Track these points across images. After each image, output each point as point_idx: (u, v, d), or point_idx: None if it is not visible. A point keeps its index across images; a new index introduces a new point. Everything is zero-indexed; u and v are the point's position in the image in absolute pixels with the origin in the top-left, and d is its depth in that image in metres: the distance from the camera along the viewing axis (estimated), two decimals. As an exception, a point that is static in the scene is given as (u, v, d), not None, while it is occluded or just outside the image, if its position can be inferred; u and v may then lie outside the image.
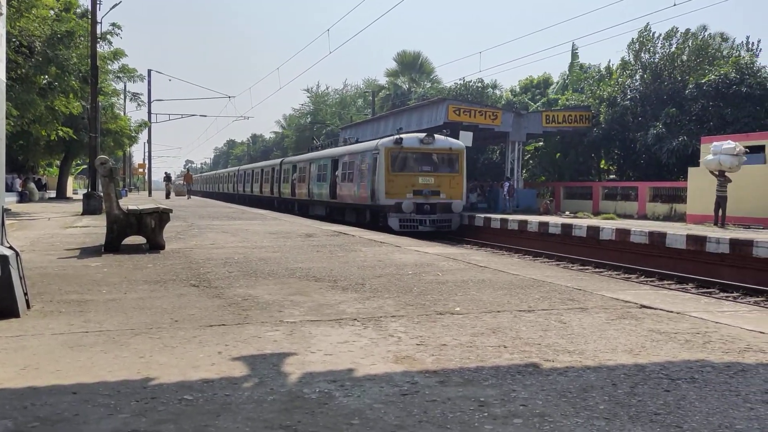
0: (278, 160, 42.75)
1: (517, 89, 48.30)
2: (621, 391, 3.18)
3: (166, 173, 51.60)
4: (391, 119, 35.47)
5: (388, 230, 20.54)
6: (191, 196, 47.05)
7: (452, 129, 27.34)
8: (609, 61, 39.28)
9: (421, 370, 3.54)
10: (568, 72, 43.61)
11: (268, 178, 42.62)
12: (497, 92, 47.09)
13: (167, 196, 45.72)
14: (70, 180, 53.19)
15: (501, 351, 3.95)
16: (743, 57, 29.30)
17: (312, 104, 73.95)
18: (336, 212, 28.61)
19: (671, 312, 5.22)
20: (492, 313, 5.13)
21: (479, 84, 42.38)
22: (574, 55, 42.23)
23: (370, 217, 24.95)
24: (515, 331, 4.50)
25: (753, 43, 31.57)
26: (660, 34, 31.47)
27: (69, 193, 48.22)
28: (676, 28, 31.20)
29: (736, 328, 4.64)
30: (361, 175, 25.50)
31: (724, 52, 31.52)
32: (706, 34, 31.78)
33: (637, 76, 31.78)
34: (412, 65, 59.65)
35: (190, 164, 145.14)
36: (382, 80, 64.38)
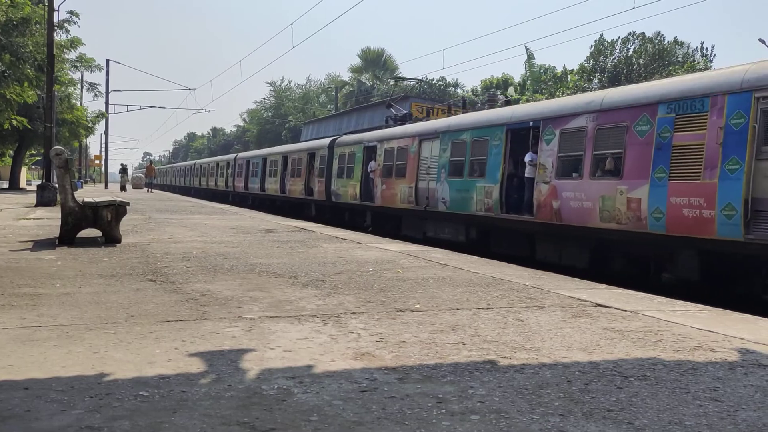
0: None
1: (479, 89, 48.76)
2: (575, 388, 3.24)
3: (122, 165, 49.22)
4: (354, 115, 35.47)
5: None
6: (152, 190, 44.91)
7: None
8: (564, 66, 39.98)
9: (380, 366, 3.55)
10: (527, 73, 44.22)
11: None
12: (459, 91, 47.48)
13: (122, 188, 43.45)
14: (24, 171, 51.88)
15: (460, 348, 3.99)
16: (698, 62, 30.07)
17: (275, 98, 73.46)
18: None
19: (625, 311, 5.34)
20: (451, 310, 5.18)
21: (442, 82, 42.65)
22: (530, 56, 42.87)
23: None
24: (474, 328, 4.55)
25: (707, 48, 32.48)
26: (618, 37, 32.13)
27: (22, 184, 47.03)
28: (634, 32, 31.91)
29: (687, 327, 4.76)
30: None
31: (680, 57, 32.33)
32: (661, 39, 32.56)
33: (595, 80, 32.37)
34: (375, 62, 59.73)
35: (149, 156, 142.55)
36: (346, 76, 64.31)
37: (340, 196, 22.24)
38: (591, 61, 32.20)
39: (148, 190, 43.53)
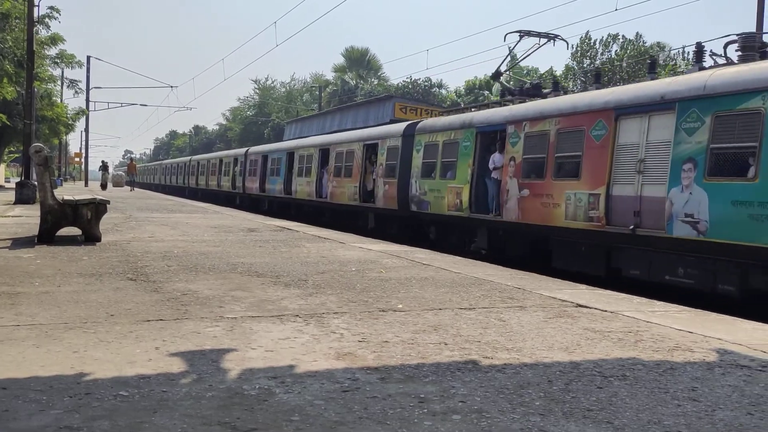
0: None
1: (462, 90, 48.93)
2: (556, 388, 3.26)
3: (103, 162, 46.37)
4: (337, 115, 35.39)
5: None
6: (135, 189, 43.16)
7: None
8: (550, 68, 40.31)
9: (362, 366, 3.55)
10: (510, 74, 44.44)
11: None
12: (443, 92, 47.60)
13: (103, 187, 41.15)
14: (2, 168, 51.21)
15: (442, 348, 4.00)
16: (679, 66, 30.42)
17: (259, 96, 73.25)
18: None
19: (605, 311, 5.38)
20: (434, 310, 5.19)
21: (427, 83, 42.75)
22: (513, 57, 43.05)
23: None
24: (456, 328, 4.56)
25: (689, 52, 32.84)
26: (601, 39, 32.43)
27: (1, 181, 46.40)
28: (617, 35, 32.22)
29: (666, 327, 4.81)
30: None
31: (662, 61, 32.68)
32: (643, 42, 32.92)
33: (579, 81, 32.63)
34: (359, 61, 59.74)
35: (130, 154, 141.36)
36: (330, 75, 64.23)
37: (425, 204, 15.79)
38: (575, 62, 32.50)
39: (131, 189, 42.08)
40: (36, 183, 12.58)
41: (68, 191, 24.25)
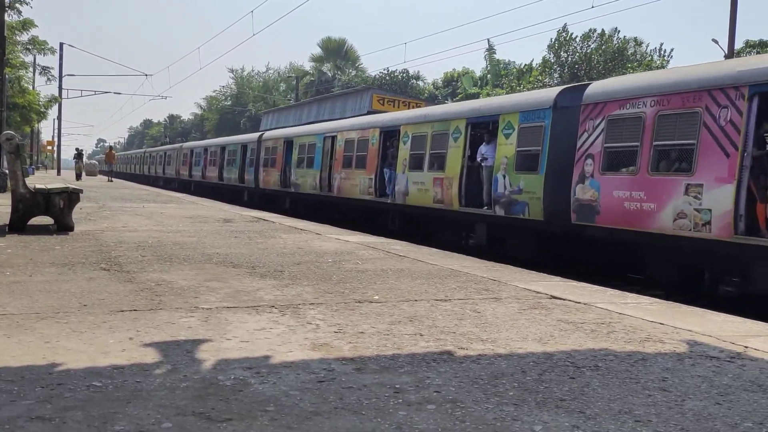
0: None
1: (440, 82, 48.97)
2: (530, 378, 3.30)
3: (77, 149, 42.76)
4: (314, 106, 35.20)
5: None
6: (113, 179, 40.48)
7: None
8: (532, 60, 40.54)
9: (338, 357, 3.56)
10: (488, 67, 44.58)
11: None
12: (421, 83, 47.59)
13: (78, 176, 38.64)
14: (-28, 155, 50.16)
15: (417, 339, 4.02)
16: (655, 61, 30.75)
17: (236, 86, 72.67)
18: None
19: (579, 303, 5.45)
20: (410, 302, 5.21)
21: (404, 74, 42.71)
22: (491, 50, 43.21)
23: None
24: (432, 319, 4.58)
25: (666, 50, 33.25)
26: (577, 36, 32.64)
27: (-30, 169, 45.42)
28: (594, 30, 32.46)
29: (638, 319, 4.89)
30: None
31: (638, 56, 33.00)
32: (620, 36, 33.20)
33: (556, 75, 32.83)
34: (337, 52, 59.44)
35: (103, 142, 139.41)
36: (307, 66, 63.87)
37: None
38: (552, 55, 32.68)
39: (108, 179, 39.84)
40: (7, 171, 12.37)
41: (40, 180, 23.86)
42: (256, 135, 29.12)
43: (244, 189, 28.32)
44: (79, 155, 41.50)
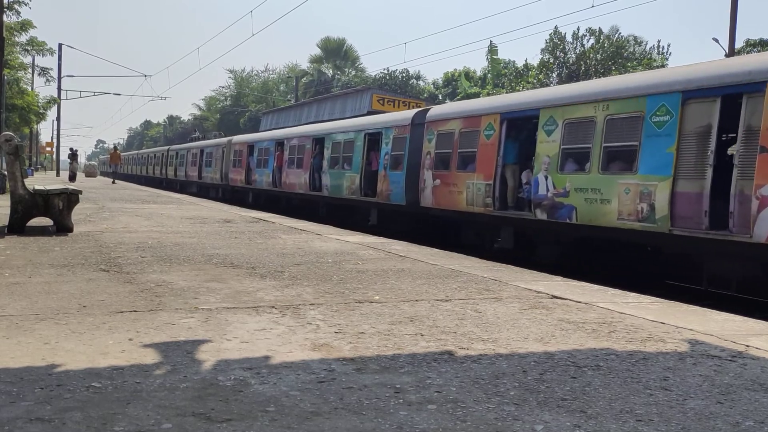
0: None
1: (440, 82, 48.94)
2: (531, 378, 3.29)
3: (71, 149, 39.63)
4: (314, 106, 35.23)
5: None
6: (116, 181, 38.77)
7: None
8: (526, 60, 40.45)
9: (338, 357, 3.54)
10: (489, 67, 44.55)
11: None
12: (421, 83, 47.58)
13: (71, 178, 35.42)
14: (-29, 157, 50.16)
15: (418, 339, 4.01)
16: (655, 59, 30.75)
17: (236, 86, 72.66)
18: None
19: (580, 302, 5.44)
20: (410, 302, 5.20)
21: (404, 74, 42.69)
22: (493, 51, 43.12)
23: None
24: (432, 319, 4.57)
25: (664, 47, 33.25)
26: (573, 32, 32.62)
27: (-31, 170, 45.40)
28: (589, 29, 32.46)
29: (639, 318, 4.87)
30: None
31: (637, 54, 33.00)
32: (619, 36, 33.20)
33: (554, 75, 32.83)
34: (336, 52, 59.41)
35: (102, 143, 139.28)
36: (306, 66, 63.83)
37: None
38: (548, 56, 32.67)
39: (113, 181, 38.17)
40: (6, 172, 12.36)
41: (39, 181, 23.85)
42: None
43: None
44: (73, 155, 39.28)
